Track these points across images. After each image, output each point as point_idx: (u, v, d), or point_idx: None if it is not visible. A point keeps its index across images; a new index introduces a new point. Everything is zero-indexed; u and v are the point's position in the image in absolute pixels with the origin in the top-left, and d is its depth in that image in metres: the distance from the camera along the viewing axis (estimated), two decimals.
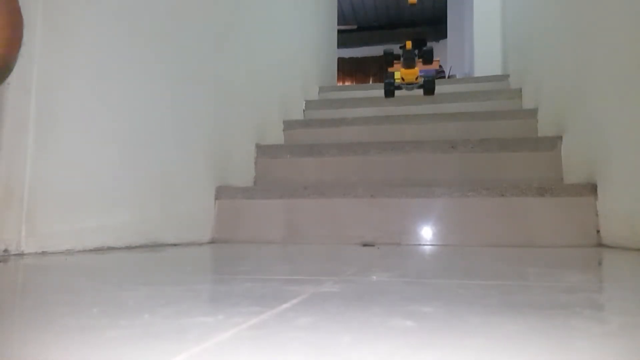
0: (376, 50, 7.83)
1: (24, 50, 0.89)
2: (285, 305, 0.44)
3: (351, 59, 7.87)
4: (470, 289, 0.57)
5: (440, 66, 3.59)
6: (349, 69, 7.91)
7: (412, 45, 1.81)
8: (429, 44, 1.67)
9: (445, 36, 6.07)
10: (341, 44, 4.26)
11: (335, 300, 0.49)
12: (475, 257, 1.04)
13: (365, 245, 1.35)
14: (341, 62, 6.00)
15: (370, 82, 7.68)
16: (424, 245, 1.39)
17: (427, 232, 1.41)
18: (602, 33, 1.29)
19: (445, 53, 5.95)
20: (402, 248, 1.29)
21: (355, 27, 7.51)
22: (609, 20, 1.26)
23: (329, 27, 3.64)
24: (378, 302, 0.49)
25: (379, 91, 2.78)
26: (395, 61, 1.91)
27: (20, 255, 0.88)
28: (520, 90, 2.31)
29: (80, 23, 1.02)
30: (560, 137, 1.63)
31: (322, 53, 3.23)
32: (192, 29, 1.45)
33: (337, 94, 2.91)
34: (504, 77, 2.73)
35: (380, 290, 0.58)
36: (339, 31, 4.11)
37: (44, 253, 0.91)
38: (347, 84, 7.62)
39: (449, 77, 4.01)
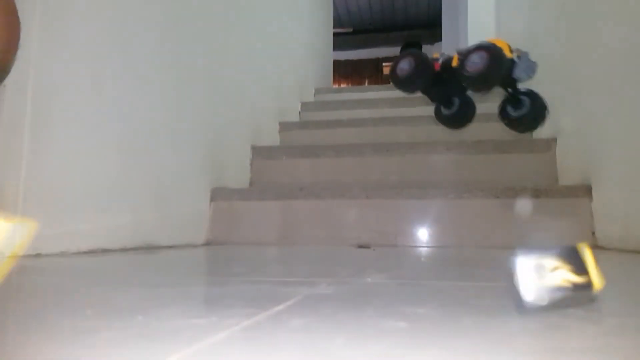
0: (371, 53, 7.87)
1: (20, 52, 0.89)
2: (278, 307, 0.44)
3: (347, 61, 7.88)
4: (464, 291, 0.57)
5: None
6: (344, 71, 7.92)
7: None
8: None
9: (440, 39, 6.08)
10: (337, 46, 4.27)
11: (329, 302, 0.49)
12: (470, 258, 1.04)
13: (360, 246, 1.35)
14: (337, 64, 6.00)
15: (366, 84, 7.70)
16: (420, 246, 1.39)
17: (422, 234, 1.41)
18: (596, 36, 1.30)
19: None
20: (397, 249, 1.29)
21: (350, 30, 7.53)
22: (602, 23, 1.26)
23: (325, 29, 3.64)
24: (372, 304, 0.49)
25: (374, 93, 2.79)
26: None
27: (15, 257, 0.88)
28: None
29: (77, 26, 1.02)
30: (555, 139, 1.63)
31: (318, 55, 3.24)
32: (187, 31, 1.45)
33: (333, 95, 2.91)
34: None
35: (374, 292, 0.58)
36: (335, 34, 4.12)
37: (38, 255, 0.91)
38: (342, 86, 7.63)
39: None
